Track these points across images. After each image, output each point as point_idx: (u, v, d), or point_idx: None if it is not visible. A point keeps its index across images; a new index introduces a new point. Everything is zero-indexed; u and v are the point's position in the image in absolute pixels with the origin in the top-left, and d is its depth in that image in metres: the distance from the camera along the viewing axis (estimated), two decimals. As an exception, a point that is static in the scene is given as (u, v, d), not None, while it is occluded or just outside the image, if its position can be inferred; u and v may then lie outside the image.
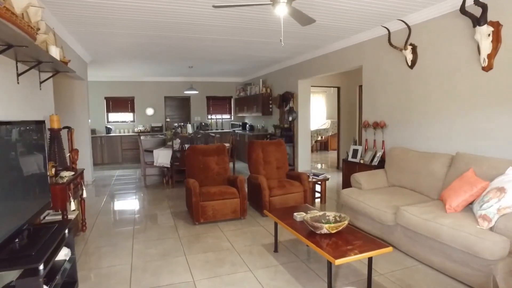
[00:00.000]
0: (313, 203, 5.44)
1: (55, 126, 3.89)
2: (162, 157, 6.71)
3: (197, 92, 9.27)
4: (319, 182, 5.46)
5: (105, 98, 10.79)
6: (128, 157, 10.36)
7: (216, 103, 11.89)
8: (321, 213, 3.11)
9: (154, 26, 5.00)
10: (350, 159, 5.44)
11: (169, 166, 6.77)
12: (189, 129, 8.54)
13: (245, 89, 11.17)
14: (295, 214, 3.33)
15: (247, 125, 11.11)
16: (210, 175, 5.10)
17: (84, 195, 4.33)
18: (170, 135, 7.06)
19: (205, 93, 11.67)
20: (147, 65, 8.67)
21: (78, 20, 4.62)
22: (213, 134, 7.83)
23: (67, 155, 4.34)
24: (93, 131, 10.18)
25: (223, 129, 11.75)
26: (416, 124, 4.61)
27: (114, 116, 11.00)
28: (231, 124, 11.89)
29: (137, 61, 7.94)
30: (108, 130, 10.57)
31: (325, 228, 2.78)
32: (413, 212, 3.23)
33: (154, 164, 6.77)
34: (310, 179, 5.25)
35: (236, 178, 4.78)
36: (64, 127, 4.44)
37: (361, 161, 5.18)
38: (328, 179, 5.47)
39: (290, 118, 8.02)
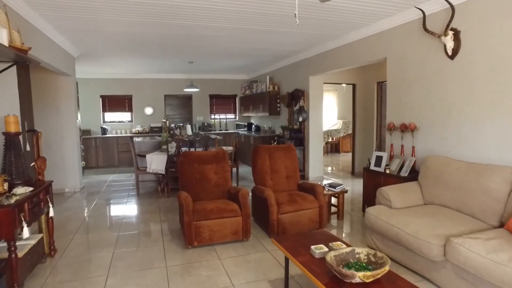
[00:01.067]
0: (328, 220, 4.62)
1: (12, 129, 3.13)
2: (156, 162, 5.94)
3: (198, 89, 8.51)
4: (336, 195, 4.64)
5: (101, 96, 10.07)
6: (125, 160, 9.62)
7: (220, 102, 11.11)
8: (349, 249, 2.30)
9: (149, 11, 4.24)
10: (372, 167, 4.60)
11: (164, 173, 6.00)
12: (189, 130, 7.76)
13: (250, 87, 10.37)
14: (312, 248, 2.51)
15: (253, 126, 10.31)
16: (208, 187, 4.31)
17: (51, 213, 3.55)
18: (166, 138, 6.29)
19: (208, 91, 10.89)
20: (144, 60, 7.91)
21: (52, 3, 3.86)
22: (214, 137, 7.05)
23: (32, 164, 3.57)
24: (87, 132, 9.49)
25: (227, 130, 10.97)
26: (457, 127, 3.77)
27: (110, 116, 10.28)
28: (236, 124, 11.09)
29: (132, 55, 7.18)
30: (104, 130, 9.84)
31: (358, 277, 1.97)
32: (473, 247, 2.39)
33: (147, 170, 6.00)
34: (325, 191, 4.44)
35: (238, 191, 3.98)
36: (29, 130, 3.68)
37: (387, 171, 4.34)
38: (346, 191, 4.65)
39: (300, 119, 7.20)
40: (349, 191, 6.01)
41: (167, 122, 10.17)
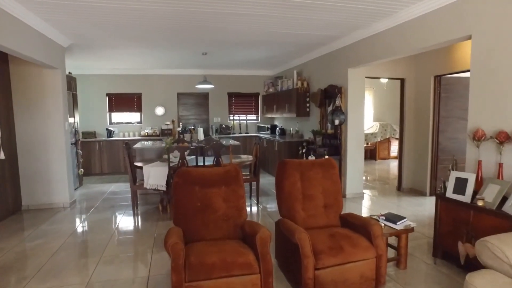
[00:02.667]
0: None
1: None
2: (155, 176, 4.72)
3: (212, 86, 7.25)
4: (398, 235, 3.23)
5: (107, 94, 9.01)
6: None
7: (240, 101, 9.83)
8: None
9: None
10: (451, 194, 3.16)
11: (164, 189, 4.76)
12: (201, 134, 6.51)
13: (275, 84, 9.03)
14: None
15: (277, 129, 8.97)
16: (212, 220, 3.02)
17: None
18: (169, 144, 5.06)
19: (226, 89, 9.64)
20: (151, 52, 6.73)
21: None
22: (230, 142, 5.80)
23: None
24: (91, 134, 8.46)
25: (247, 133, 9.67)
26: None
27: (117, 117, 9.21)
28: (258, 126, 9.78)
29: (135, 44, 6.01)
30: (110, 133, 8.77)
31: None
32: None
33: (144, 185, 4.79)
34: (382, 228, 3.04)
35: (256, 232, 2.65)
36: None
37: (479, 203, 2.89)
38: (412, 229, 3.21)
39: (337, 122, 5.80)
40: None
41: (177, 123, 9.00)
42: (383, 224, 3.19)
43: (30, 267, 3.38)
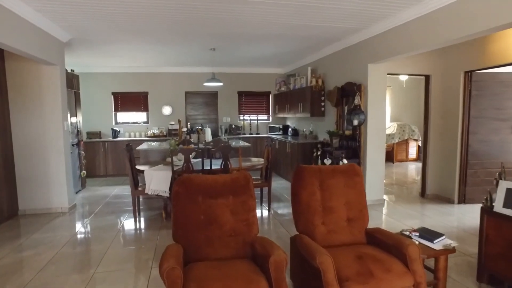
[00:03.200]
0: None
1: None
2: (157, 181, 4.32)
3: (221, 84, 6.82)
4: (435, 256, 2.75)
5: (113, 93, 8.68)
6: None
7: (250, 100, 9.40)
8: None
9: None
10: (501, 209, 2.67)
11: (167, 195, 4.36)
12: (208, 135, 6.10)
13: (287, 82, 8.59)
14: None
15: (290, 129, 8.52)
16: (218, 236, 2.59)
17: None
18: (174, 146, 4.66)
19: (236, 88, 9.22)
20: (156, 48, 6.35)
21: None
22: (241, 143, 5.38)
23: None
24: (96, 135, 8.14)
25: (258, 133, 9.24)
26: None
27: (123, 116, 8.87)
28: (269, 127, 9.34)
29: (139, 39, 5.63)
30: (115, 133, 8.44)
31: None
32: None
33: (146, 191, 4.39)
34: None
35: (269, 254, 2.21)
36: None
37: (536, 220, 2.40)
38: (454, 249, 2.73)
39: (356, 122, 5.32)
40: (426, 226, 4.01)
41: (184, 123, 8.62)
42: (416, 241, 2.72)
43: (12, 286, 3.00)
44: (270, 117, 9.54)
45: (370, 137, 5.34)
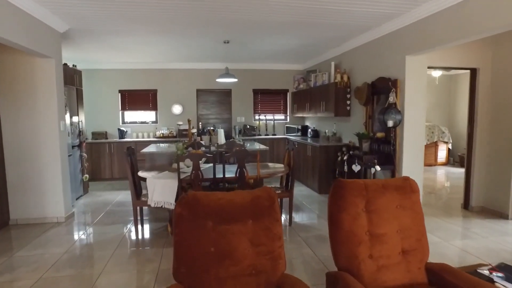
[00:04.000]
0: None
1: None
2: (161, 191, 3.70)
3: (235, 80, 6.16)
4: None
5: (120, 91, 8.14)
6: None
7: (266, 98, 8.74)
8: None
9: None
10: None
11: (173, 207, 3.74)
12: (221, 137, 5.46)
13: (306, 79, 7.90)
14: None
15: (309, 130, 7.84)
16: (233, 275, 1.95)
17: None
18: (181, 150, 4.03)
19: (251, 85, 8.57)
20: (165, 39, 5.75)
21: None
22: (253, 146, 4.74)
23: None
24: (102, 135, 7.61)
25: (275, 134, 8.57)
26: None
27: (131, 116, 8.32)
28: (286, 127, 8.66)
29: (147, 31, 5.04)
30: (122, 133, 7.90)
31: None
32: None
33: (148, 202, 3.78)
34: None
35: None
36: None
37: None
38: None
39: (391, 123, 4.61)
40: (492, 255, 3.27)
41: (195, 123, 8.02)
42: (499, 285, 2.02)
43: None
44: (288, 117, 8.86)
45: (407, 140, 4.62)
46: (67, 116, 5.36)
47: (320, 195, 6.15)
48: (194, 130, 5.47)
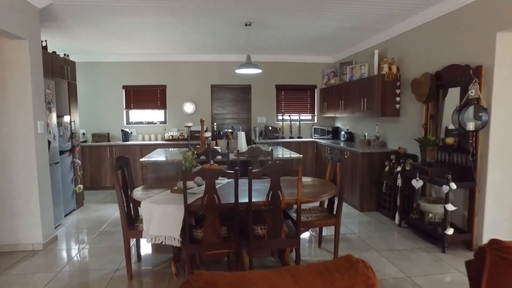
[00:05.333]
0: None
1: None
2: (160, 221, 2.60)
3: (258, 71, 5.02)
4: None
5: (124, 87, 7.14)
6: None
7: (291, 95, 7.60)
8: None
9: None
10: None
11: (177, 244, 2.63)
12: (242, 141, 4.34)
13: (340, 72, 6.74)
14: None
15: (342, 132, 6.67)
16: None
17: None
18: (190, 162, 2.92)
19: (274, 80, 7.45)
20: (172, 21, 4.68)
21: None
22: (278, 152, 3.62)
23: None
24: (103, 137, 6.64)
25: (300, 137, 7.42)
26: None
27: (136, 115, 7.31)
28: (314, 129, 7.50)
29: (150, 8, 3.97)
30: (126, 135, 6.89)
31: None
32: None
33: (143, 236, 2.69)
34: None
35: None
36: None
37: None
38: None
39: (471, 126, 3.41)
40: None
41: (211, 124, 6.96)
42: None
43: None
44: (315, 117, 7.69)
45: (494, 148, 3.41)
46: (52, 115, 4.34)
47: (362, 213, 4.99)
48: (208, 134, 4.35)
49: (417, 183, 3.87)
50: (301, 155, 4.29)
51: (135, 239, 3.47)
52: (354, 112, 5.87)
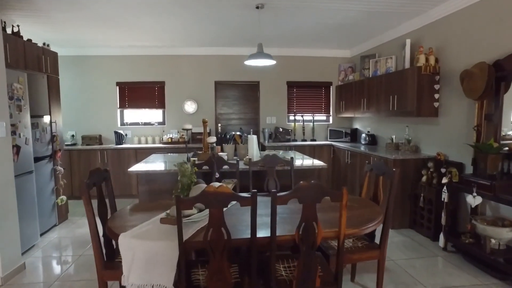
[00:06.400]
0: None
1: None
2: (144, 264, 1.83)
3: (272, 62, 4.20)
4: None
5: (118, 84, 6.39)
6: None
7: (305, 93, 6.82)
8: None
9: None
10: None
11: (170, 296, 1.86)
12: (253, 147, 3.56)
13: (359, 67, 5.95)
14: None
15: (363, 135, 5.89)
16: None
17: None
18: (189, 176, 2.17)
19: (286, 76, 6.68)
20: (171, 8, 3.92)
21: None
22: (304, 160, 2.85)
23: None
24: (95, 139, 5.93)
25: (314, 139, 6.64)
26: None
27: (132, 115, 6.56)
28: (330, 130, 6.72)
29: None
30: (119, 137, 6.14)
31: None
32: None
33: (123, 282, 1.92)
34: None
35: None
36: None
37: None
38: None
39: (555, 128, 2.62)
40: None
41: (214, 125, 6.21)
42: None
43: None
44: (330, 118, 6.91)
45: None
46: (24, 115, 3.59)
47: (393, 230, 4.20)
48: (213, 139, 3.57)
49: (473, 200, 3.09)
50: (325, 164, 3.50)
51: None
52: (379, 111, 5.09)
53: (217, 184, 1.84)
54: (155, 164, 3.69)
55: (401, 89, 4.49)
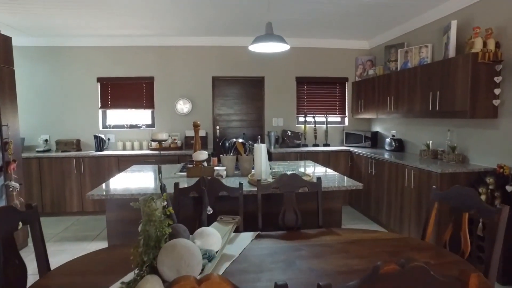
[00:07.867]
0: None
1: None
2: None
3: (286, 46, 3.21)
4: None
5: (98, 80, 5.46)
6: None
7: (315, 91, 5.88)
8: None
9: None
10: None
11: None
12: (261, 160, 2.62)
13: (384, 59, 5.02)
14: None
15: (388, 140, 4.95)
16: None
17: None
18: (158, 225, 1.26)
19: (294, 72, 5.75)
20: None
21: None
22: (327, 176, 1.96)
23: None
24: (71, 145, 5.03)
25: (327, 144, 5.71)
26: None
27: (115, 116, 5.63)
28: (346, 134, 5.78)
29: None
30: (100, 143, 5.21)
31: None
32: None
33: None
34: None
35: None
36: None
37: None
38: None
39: None
40: None
41: (211, 129, 5.28)
42: None
43: None
44: (346, 119, 5.98)
45: None
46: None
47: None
48: (204, 156, 2.62)
49: None
50: (361, 184, 2.56)
51: None
52: (413, 111, 4.15)
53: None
54: (131, 181, 2.76)
55: (446, 84, 3.56)
